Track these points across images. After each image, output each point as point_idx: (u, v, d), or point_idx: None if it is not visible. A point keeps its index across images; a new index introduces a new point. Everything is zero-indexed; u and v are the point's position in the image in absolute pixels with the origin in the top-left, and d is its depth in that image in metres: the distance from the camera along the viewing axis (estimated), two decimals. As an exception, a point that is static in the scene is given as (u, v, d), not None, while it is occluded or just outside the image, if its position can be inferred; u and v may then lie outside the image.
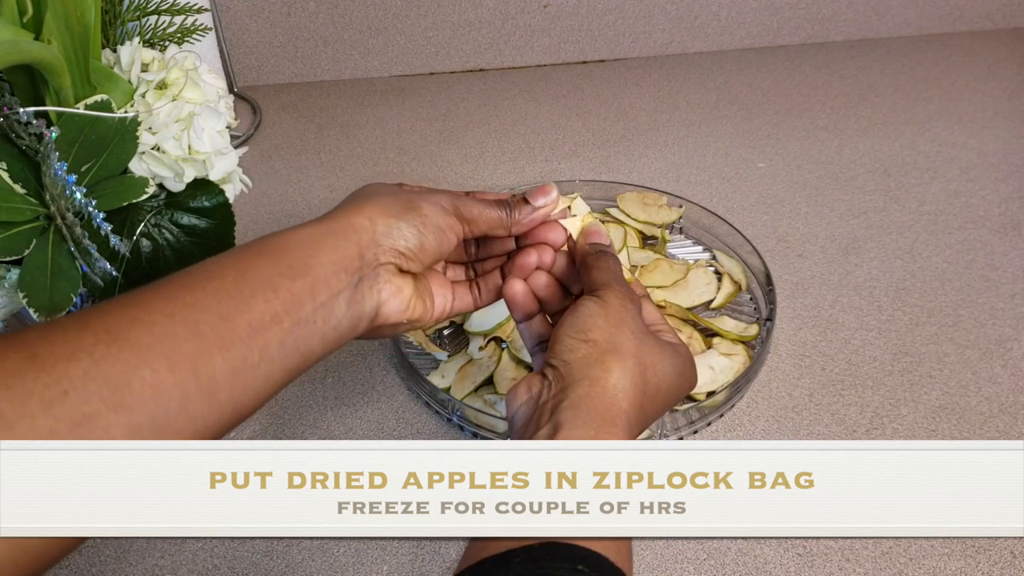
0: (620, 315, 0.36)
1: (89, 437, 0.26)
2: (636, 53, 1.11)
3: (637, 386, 0.35)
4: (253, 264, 0.33)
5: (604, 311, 0.36)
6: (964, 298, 0.68)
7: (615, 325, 0.36)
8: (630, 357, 0.35)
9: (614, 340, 0.35)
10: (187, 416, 0.29)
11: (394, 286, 0.37)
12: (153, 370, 0.28)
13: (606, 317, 0.36)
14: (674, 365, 0.38)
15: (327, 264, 0.34)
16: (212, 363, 0.29)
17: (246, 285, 0.31)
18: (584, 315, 0.36)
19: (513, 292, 0.42)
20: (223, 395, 0.30)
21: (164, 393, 0.28)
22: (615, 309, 0.36)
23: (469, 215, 0.40)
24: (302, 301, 0.33)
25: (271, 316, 0.31)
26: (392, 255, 0.37)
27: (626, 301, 0.37)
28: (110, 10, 0.56)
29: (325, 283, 0.34)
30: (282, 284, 0.32)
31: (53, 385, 0.26)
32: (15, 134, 0.46)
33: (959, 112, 0.95)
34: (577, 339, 0.35)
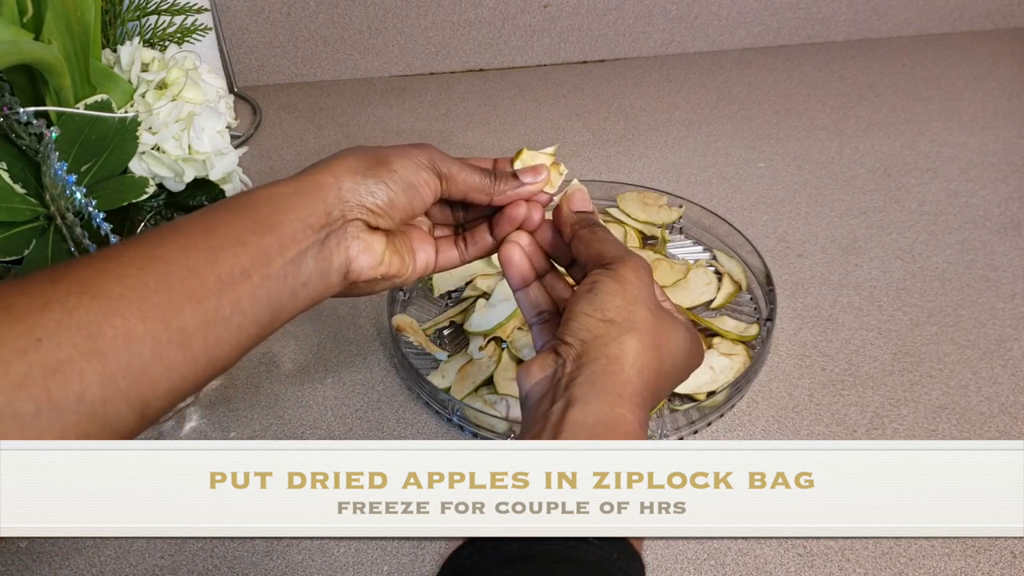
0: (637, 292, 0.36)
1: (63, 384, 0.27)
2: (636, 53, 1.11)
3: (652, 366, 0.34)
4: (221, 220, 0.33)
5: (622, 288, 0.35)
6: (964, 298, 0.68)
7: (632, 302, 0.35)
8: (647, 335, 0.35)
9: (632, 319, 0.35)
10: (161, 365, 0.29)
11: (363, 242, 0.37)
12: (125, 319, 0.28)
13: (624, 295, 0.35)
14: (685, 341, 0.37)
15: (294, 221, 0.34)
16: (183, 314, 0.30)
17: (214, 239, 0.32)
18: (601, 292, 0.35)
19: (509, 255, 0.42)
20: (196, 346, 0.30)
21: (136, 341, 0.28)
22: (633, 285, 0.36)
23: (448, 172, 0.40)
24: (270, 256, 0.33)
25: (240, 270, 0.32)
26: (359, 211, 0.36)
27: (643, 274, 0.37)
28: (110, 10, 0.56)
29: (292, 239, 0.34)
30: (250, 239, 0.33)
31: (27, 334, 0.26)
32: (15, 134, 0.46)
33: (959, 112, 0.95)
34: (594, 317, 0.35)
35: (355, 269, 0.37)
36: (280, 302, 0.34)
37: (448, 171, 0.39)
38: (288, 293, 0.34)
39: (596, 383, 0.33)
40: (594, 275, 0.37)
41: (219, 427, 0.60)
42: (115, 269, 0.29)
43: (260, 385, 0.63)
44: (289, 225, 0.34)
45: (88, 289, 0.28)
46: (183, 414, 0.61)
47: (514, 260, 0.42)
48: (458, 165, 0.40)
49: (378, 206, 0.37)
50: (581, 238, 0.40)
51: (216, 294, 0.31)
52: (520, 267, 0.42)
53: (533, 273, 0.42)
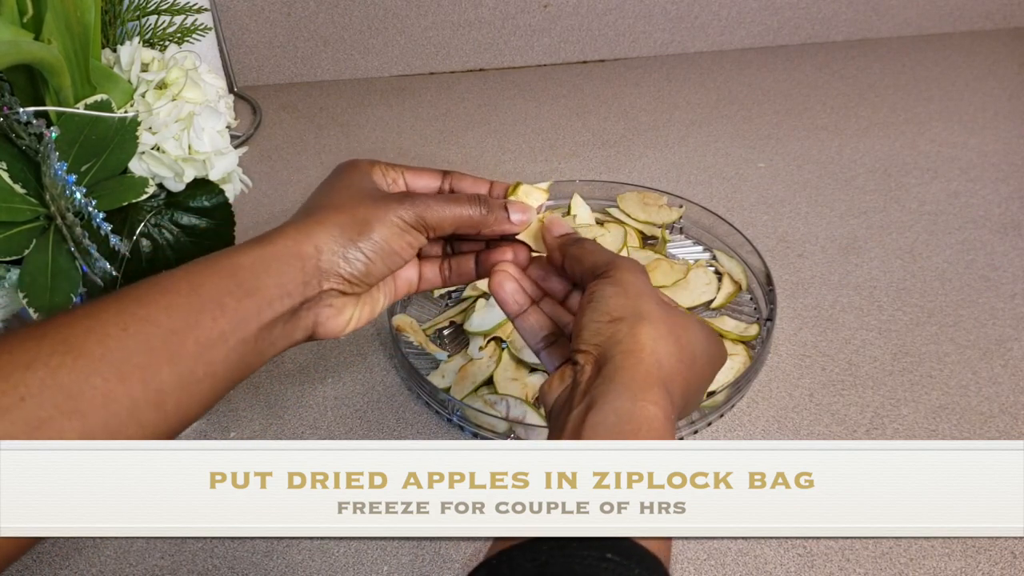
0: (638, 288, 0.35)
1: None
2: (636, 53, 1.11)
3: (674, 354, 0.33)
4: (205, 281, 0.34)
5: (622, 289, 0.35)
6: (964, 298, 0.68)
7: (636, 298, 0.35)
8: (660, 323, 0.34)
9: (640, 311, 0.34)
10: (136, 423, 0.30)
11: (334, 308, 0.37)
12: (104, 379, 0.29)
13: (626, 294, 0.35)
14: (704, 334, 0.37)
15: (272, 287, 0.35)
16: (160, 375, 0.31)
17: (197, 301, 0.33)
18: (603, 298, 0.35)
19: (500, 283, 0.41)
20: (170, 405, 0.31)
21: (114, 401, 0.29)
22: (631, 284, 0.35)
23: (435, 222, 0.39)
24: (248, 321, 0.34)
25: (218, 334, 0.33)
26: (336, 281, 0.37)
27: (639, 273, 0.36)
28: (110, 10, 0.56)
29: (269, 305, 0.34)
30: (229, 303, 0.33)
31: (10, 392, 0.27)
32: (15, 134, 0.46)
33: (959, 112, 0.95)
34: (603, 322, 0.34)
35: (321, 331, 0.37)
36: (248, 363, 0.35)
37: (435, 220, 0.39)
38: (256, 355, 0.35)
39: (615, 379, 0.32)
40: (591, 286, 0.36)
41: (219, 427, 0.60)
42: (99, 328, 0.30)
43: (260, 385, 0.63)
44: (267, 291, 0.34)
45: (72, 348, 0.29)
46: (183, 414, 0.61)
47: (506, 287, 0.41)
48: (445, 209, 0.39)
49: (354, 276, 0.37)
50: (571, 255, 0.39)
51: (194, 357, 0.32)
52: (513, 294, 0.41)
53: (527, 298, 0.42)
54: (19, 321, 0.51)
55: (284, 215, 0.82)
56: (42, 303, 0.44)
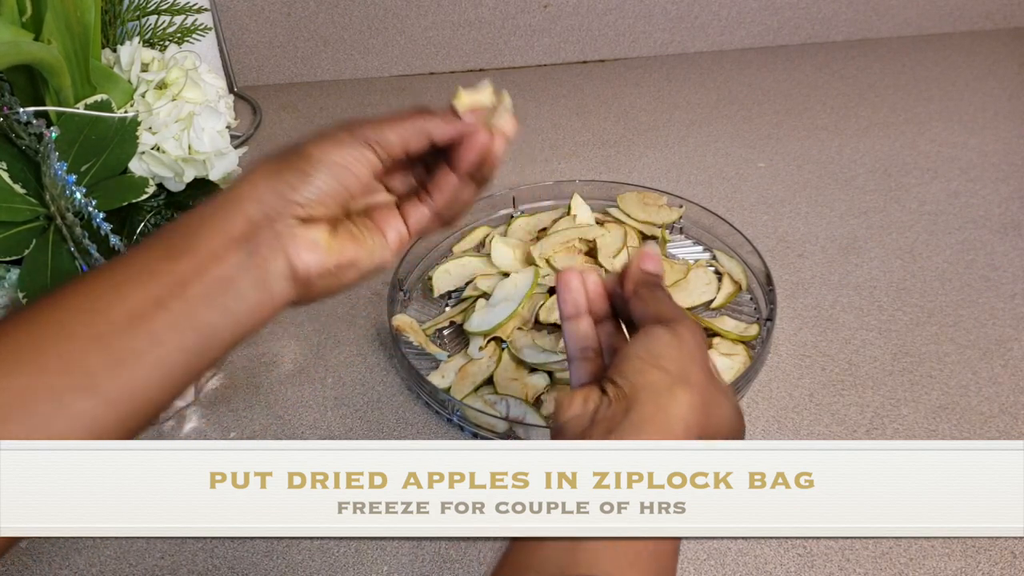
0: (693, 350, 0.35)
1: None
2: (636, 53, 1.11)
3: (700, 423, 0.33)
4: (127, 258, 0.32)
5: (679, 342, 0.35)
6: (964, 298, 0.68)
7: (688, 358, 0.34)
8: (699, 393, 0.33)
9: (686, 372, 0.33)
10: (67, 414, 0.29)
11: (300, 238, 0.35)
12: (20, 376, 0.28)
13: (680, 348, 0.34)
14: (733, 410, 0.36)
15: (212, 238, 0.33)
16: (87, 358, 0.29)
17: (118, 277, 0.31)
18: (658, 341, 0.34)
19: (568, 279, 0.40)
20: (107, 387, 0.30)
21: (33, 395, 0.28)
22: (689, 343, 0.35)
23: (378, 136, 0.36)
24: (186, 280, 0.32)
25: (153, 300, 0.31)
26: (284, 208, 0.34)
27: (699, 337, 0.36)
28: (110, 10, 0.56)
29: (212, 257, 0.33)
30: (160, 267, 0.32)
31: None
32: (15, 134, 0.46)
33: (959, 112, 0.95)
34: (648, 363, 0.33)
35: (301, 268, 0.35)
36: (210, 324, 0.33)
37: (378, 135, 0.37)
38: (218, 313, 0.33)
39: (642, 430, 0.31)
40: (651, 326, 0.36)
41: (219, 427, 0.60)
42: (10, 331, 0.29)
43: (260, 385, 0.63)
44: (206, 244, 0.33)
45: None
46: (183, 414, 0.61)
47: (572, 285, 0.40)
48: (388, 123, 0.37)
49: (305, 198, 0.35)
50: (641, 296, 0.38)
51: (126, 330, 0.30)
52: (576, 293, 0.40)
53: (586, 305, 0.40)
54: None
55: (284, 215, 0.82)
56: (42, 303, 0.44)
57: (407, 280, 0.70)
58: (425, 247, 0.73)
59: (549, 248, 0.68)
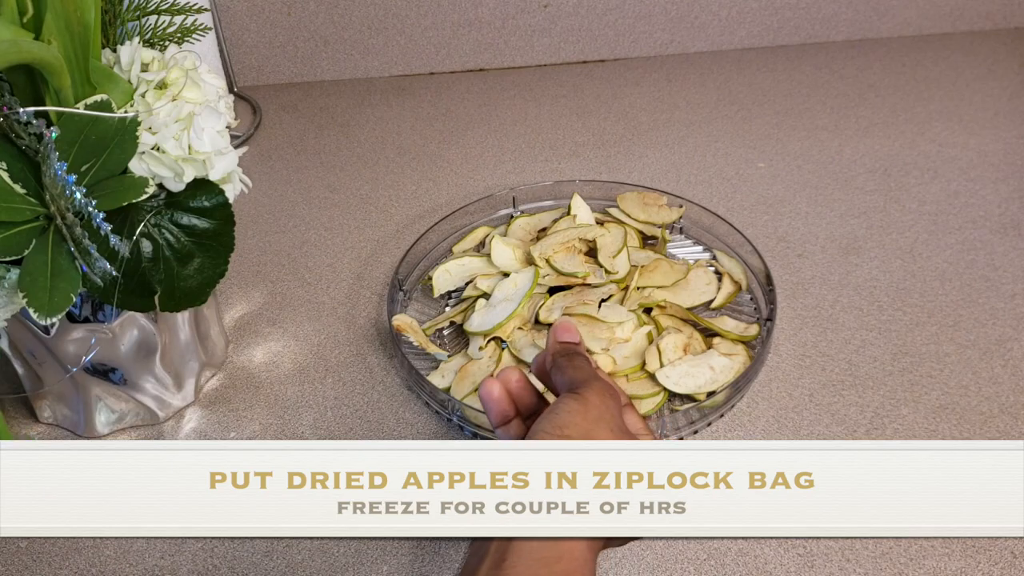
0: (599, 412, 0.35)
1: None
2: (636, 53, 1.11)
3: None
4: None
5: (583, 407, 0.35)
6: (964, 298, 0.68)
7: (594, 421, 0.35)
8: None
9: (590, 435, 0.34)
10: None
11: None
12: None
13: (585, 414, 0.35)
14: None
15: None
16: None
17: None
18: (562, 411, 0.35)
19: (488, 392, 0.40)
20: None
21: None
22: (595, 406, 0.36)
23: None
24: None
25: None
26: None
27: (607, 398, 0.37)
28: (110, 10, 0.56)
29: None
30: None
31: None
32: (15, 134, 0.46)
33: (959, 112, 0.95)
34: (552, 435, 0.34)
35: None
36: None
37: None
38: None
39: None
40: (560, 397, 0.37)
41: (219, 427, 0.60)
42: None
43: (260, 385, 0.63)
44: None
45: None
46: (183, 414, 0.61)
47: (494, 395, 0.40)
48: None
49: None
50: (559, 366, 0.40)
51: None
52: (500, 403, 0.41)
53: (513, 410, 0.41)
54: (19, 322, 0.51)
55: (284, 215, 0.82)
56: (42, 303, 0.44)
57: (407, 280, 0.70)
58: (425, 247, 0.73)
59: (549, 248, 0.68)
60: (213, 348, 0.64)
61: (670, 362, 0.60)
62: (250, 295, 0.72)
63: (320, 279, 0.74)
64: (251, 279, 0.74)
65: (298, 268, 0.75)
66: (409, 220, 0.81)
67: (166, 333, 0.57)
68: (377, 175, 0.88)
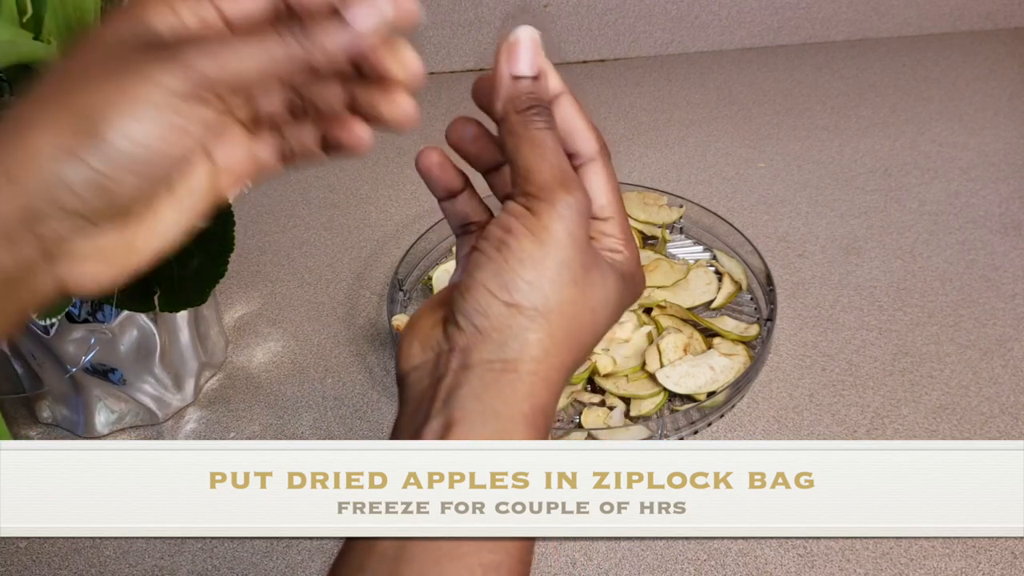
0: (562, 255, 0.26)
1: None
2: (636, 53, 1.11)
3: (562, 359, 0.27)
4: None
5: (541, 251, 0.26)
6: (965, 298, 0.68)
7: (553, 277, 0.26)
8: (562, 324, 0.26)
9: (548, 303, 0.26)
10: None
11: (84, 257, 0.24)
12: None
13: (542, 264, 0.26)
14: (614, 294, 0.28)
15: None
16: None
17: None
18: (512, 259, 0.26)
19: (428, 165, 0.32)
20: None
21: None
22: (556, 246, 0.26)
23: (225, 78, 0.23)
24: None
25: None
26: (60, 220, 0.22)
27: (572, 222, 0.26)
28: (109, 9, 0.56)
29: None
30: None
31: None
32: (15, 134, 0.46)
33: (960, 112, 0.95)
34: (498, 298, 0.26)
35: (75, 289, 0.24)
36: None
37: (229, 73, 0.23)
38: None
39: (483, 399, 0.26)
40: (506, 220, 0.27)
41: (219, 427, 0.60)
42: None
43: (260, 385, 0.63)
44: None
45: None
46: (182, 414, 0.61)
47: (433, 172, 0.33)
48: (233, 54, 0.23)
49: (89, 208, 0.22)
50: (512, 131, 0.28)
51: None
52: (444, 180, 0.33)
53: (460, 180, 0.33)
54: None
55: (284, 215, 0.82)
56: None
57: (407, 280, 0.70)
58: (425, 247, 0.73)
59: (549, 248, 0.68)
60: (213, 348, 0.64)
61: (670, 362, 0.60)
62: (250, 295, 0.72)
63: (320, 279, 0.74)
64: (251, 279, 0.74)
65: (297, 268, 0.75)
66: (409, 220, 0.81)
67: (165, 333, 0.57)
68: (377, 175, 0.88)
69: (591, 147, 0.30)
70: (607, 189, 0.30)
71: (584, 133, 0.30)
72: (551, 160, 0.27)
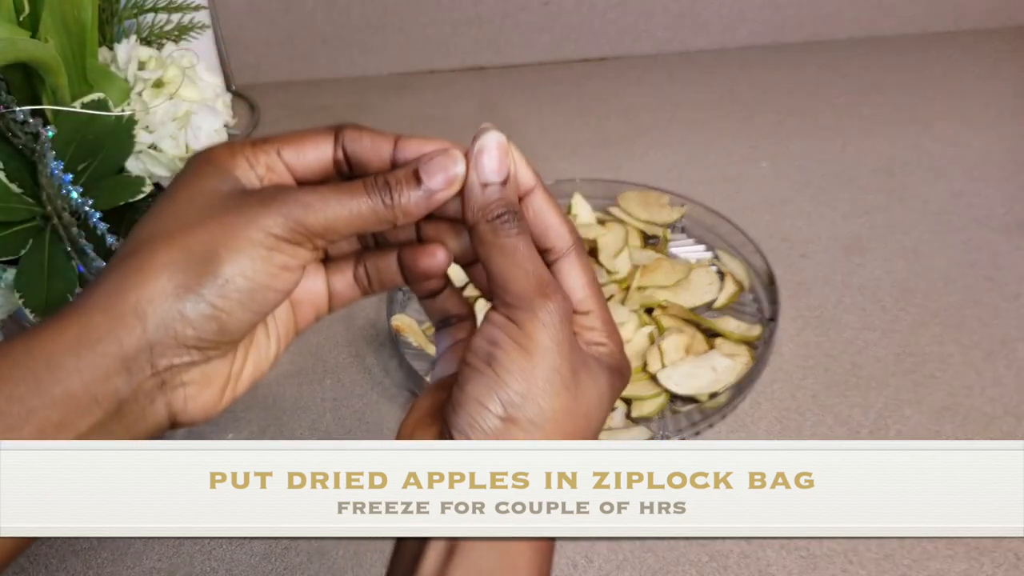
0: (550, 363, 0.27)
1: None
2: (638, 51, 1.11)
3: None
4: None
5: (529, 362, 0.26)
6: (968, 298, 0.68)
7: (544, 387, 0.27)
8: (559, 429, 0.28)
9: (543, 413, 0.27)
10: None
11: (193, 386, 0.27)
12: None
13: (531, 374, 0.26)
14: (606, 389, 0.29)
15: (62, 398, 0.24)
16: None
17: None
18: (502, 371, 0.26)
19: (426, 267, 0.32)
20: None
21: None
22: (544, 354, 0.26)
23: (319, 226, 0.26)
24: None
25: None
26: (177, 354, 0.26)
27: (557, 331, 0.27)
28: (107, 8, 0.55)
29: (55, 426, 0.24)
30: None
31: None
32: (11, 133, 0.46)
33: (963, 111, 0.94)
34: (492, 412, 0.27)
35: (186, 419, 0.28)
36: None
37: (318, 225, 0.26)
38: None
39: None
40: (491, 332, 0.27)
41: (217, 428, 0.60)
42: None
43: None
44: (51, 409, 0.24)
45: None
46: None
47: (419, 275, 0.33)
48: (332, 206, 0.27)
49: (204, 339, 0.26)
50: (483, 240, 0.28)
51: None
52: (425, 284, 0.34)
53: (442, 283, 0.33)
54: (15, 323, 0.51)
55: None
56: (38, 303, 0.44)
57: (407, 279, 0.70)
58: (425, 246, 0.72)
59: (550, 247, 0.68)
60: (212, 348, 0.63)
61: (672, 363, 0.59)
62: (250, 295, 0.72)
63: (320, 279, 0.74)
64: (251, 279, 0.74)
65: (298, 267, 0.75)
66: (409, 219, 0.80)
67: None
68: (377, 174, 0.88)
69: (564, 241, 0.30)
70: (584, 282, 0.30)
71: (558, 228, 0.30)
72: (526, 267, 0.27)
